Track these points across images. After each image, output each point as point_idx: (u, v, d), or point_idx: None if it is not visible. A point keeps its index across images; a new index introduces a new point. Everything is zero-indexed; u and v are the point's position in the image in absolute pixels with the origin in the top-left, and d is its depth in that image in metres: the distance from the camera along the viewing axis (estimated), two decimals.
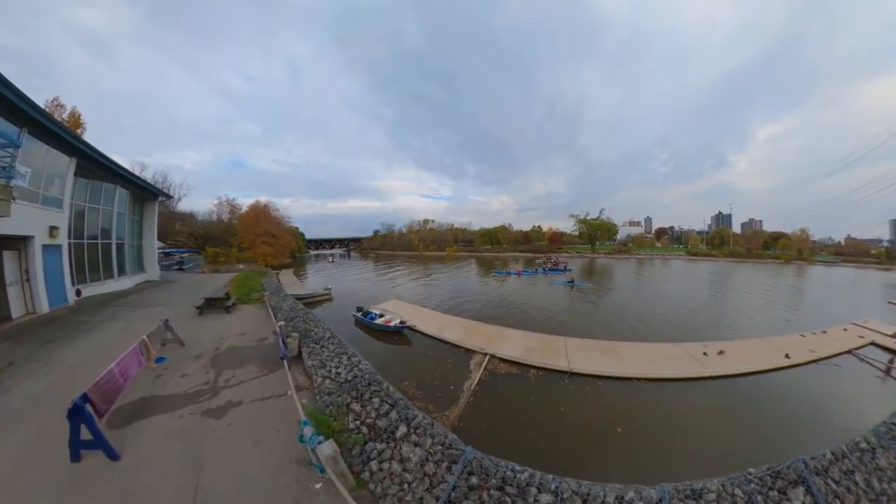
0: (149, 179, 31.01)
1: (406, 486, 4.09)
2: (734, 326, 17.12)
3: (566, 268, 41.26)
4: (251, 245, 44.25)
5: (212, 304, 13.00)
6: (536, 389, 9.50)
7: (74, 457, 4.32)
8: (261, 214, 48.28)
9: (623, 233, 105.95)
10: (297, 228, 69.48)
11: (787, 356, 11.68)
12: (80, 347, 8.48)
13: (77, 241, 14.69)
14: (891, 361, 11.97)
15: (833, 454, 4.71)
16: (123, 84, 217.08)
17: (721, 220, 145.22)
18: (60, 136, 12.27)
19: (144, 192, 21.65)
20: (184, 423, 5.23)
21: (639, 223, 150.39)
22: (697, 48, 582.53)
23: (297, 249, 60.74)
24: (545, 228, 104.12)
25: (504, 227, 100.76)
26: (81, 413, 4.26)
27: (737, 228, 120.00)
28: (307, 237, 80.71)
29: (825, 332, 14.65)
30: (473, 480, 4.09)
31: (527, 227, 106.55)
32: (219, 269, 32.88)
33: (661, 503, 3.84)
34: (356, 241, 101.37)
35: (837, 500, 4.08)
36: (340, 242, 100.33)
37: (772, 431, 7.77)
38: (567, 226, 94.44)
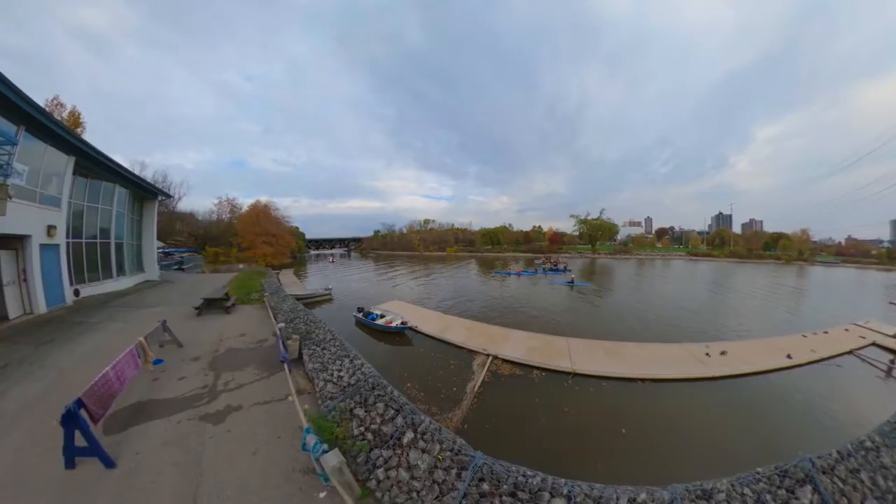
0: (149, 179, 30.90)
1: (415, 495, 3.94)
2: (735, 327, 17.00)
3: (566, 268, 41.13)
4: (251, 245, 44.16)
5: (211, 305, 12.84)
6: (540, 390, 9.38)
7: (69, 464, 4.17)
8: (261, 214, 48.19)
9: (623, 233, 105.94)
10: (298, 228, 69.47)
11: (789, 356, 11.60)
12: (77, 349, 8.32)
13: (75, 241, 14.54)
14: (892, 362, 11.89)
15: (839, 453, 4.74)
16: (124, 83, 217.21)
17: (721, 221, 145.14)
18: (58, 134, 12.13)
19: (144, 192, 21.51)
20: (181, 429, 5.08)
21: (639, 223, 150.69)
22: (698, 48, 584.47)
23: (298, 249, 60.62)
24: (546, 229, 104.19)
25: (504, 228, 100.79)
26: (76, 419, 4.12)
27: (737, 229, 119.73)
28: (308, 237, 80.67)
29: (826, 333, 14.55)
30: (485, 487, 3.96)
31: (527, 228, 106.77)
32: (218, 269, 32.78)
33: None
34: (357, 241, 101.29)
35: (844, 499, 4.09)
36: (341, 242, 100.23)
37: (775, 431, 7.73)
38: (567, 226, 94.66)
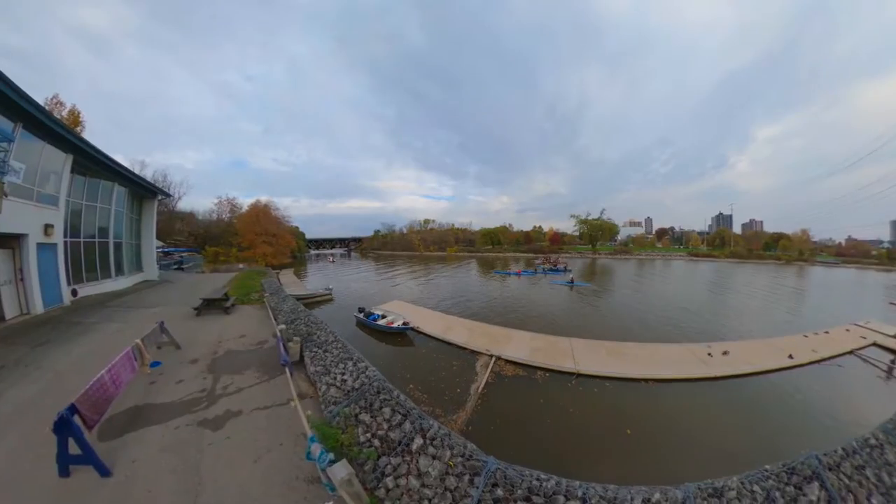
0: (149, 178, 30.67)
1: (426, 503, 3.81)
2: (737, 327, 16.93)
3: (565, 268, 41.01)
4: (251, 244, 43.94)
5: (210, 305, 12.65)
6: (544, 391, 9.28)
7: (63, 472, 4.00)
8: (261, 214, 47.96)
9: (624, 233, 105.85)
10: (298, 228, 69.28)
11: (791, 356, 11.56)
12: (74, 350, 8.13)
13: (73, 240, 14.35)
14: (893, 362, 11.89)
15: (844, 450, 4.84)
16: (124, 83, 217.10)
17: (722, 221, 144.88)
18: (56, 132, 11.95)
19: (143, 191, 21.33)
20: (179, 435, 4.89)
21: (639, 223, 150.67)
22: (698, 48, 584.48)
23: (298, 249, 60.41)
24: (546, 229, 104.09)
25: (505, 228, 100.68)
26: (69, 425, 3.92)
27: (737, 229, 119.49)
28: (308, 237, 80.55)
29: (827, 333, 14.49)
30: (499, 493, 3.84)
31: (527, 228, 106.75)
32: (218, 269, 32.57)
33: (686, 503, 3.84)
34: (357, 241, 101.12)
35: (850, 495, 4.17)
36: (341, 242, 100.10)
37: (777, 431, 7.73)
38: (568, 226, 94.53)
